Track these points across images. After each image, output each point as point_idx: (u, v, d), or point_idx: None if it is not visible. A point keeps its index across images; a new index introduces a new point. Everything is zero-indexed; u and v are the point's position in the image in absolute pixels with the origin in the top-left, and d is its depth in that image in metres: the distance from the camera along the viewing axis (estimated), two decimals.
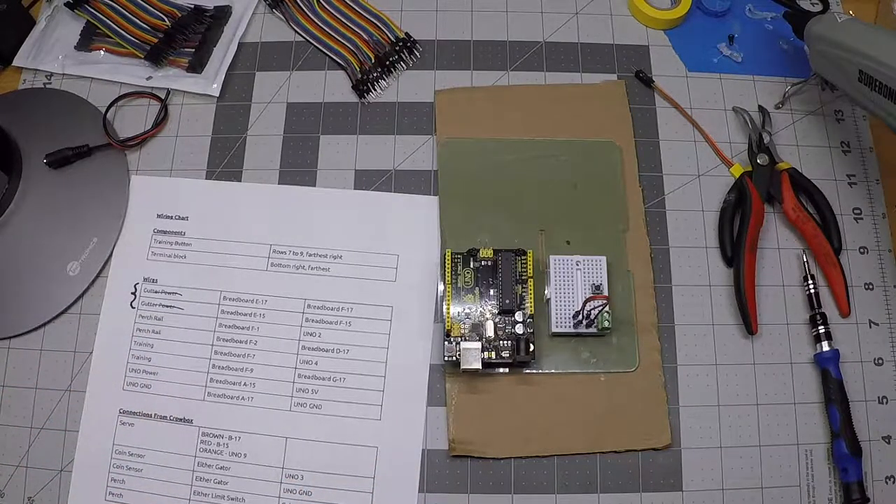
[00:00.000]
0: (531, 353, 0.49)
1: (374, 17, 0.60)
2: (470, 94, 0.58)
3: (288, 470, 0.49)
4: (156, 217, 0.55)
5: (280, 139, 0.57)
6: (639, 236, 0.53)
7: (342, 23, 0.60)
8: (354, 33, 0.59)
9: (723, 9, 0.61)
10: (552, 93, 0.58)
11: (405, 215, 0.55)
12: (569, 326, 0.50)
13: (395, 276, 0.53)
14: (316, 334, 0.52)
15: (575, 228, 0.53)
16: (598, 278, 0.50)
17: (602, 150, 0.56)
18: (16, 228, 0.54)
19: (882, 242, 0.54)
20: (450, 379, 0.50)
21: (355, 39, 0.59)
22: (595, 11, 0.61)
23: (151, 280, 0.53)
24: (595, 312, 0.49)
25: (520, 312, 0.49)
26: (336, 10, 0.60)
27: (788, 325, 0.52)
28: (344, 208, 0.55)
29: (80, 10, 0.60)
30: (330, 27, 0.60)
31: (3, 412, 0.51)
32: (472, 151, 0.56)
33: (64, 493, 0.49)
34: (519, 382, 0.50)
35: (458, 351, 0.48)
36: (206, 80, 0.58)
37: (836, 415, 0.49)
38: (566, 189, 0.54)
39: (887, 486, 0.49)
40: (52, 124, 0.57)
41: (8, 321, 0.53)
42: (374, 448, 0.49)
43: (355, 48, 0.59)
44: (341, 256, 0.54)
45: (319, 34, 0.60)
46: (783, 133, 0.57)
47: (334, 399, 0.50)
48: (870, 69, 0.47)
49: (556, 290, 0.50)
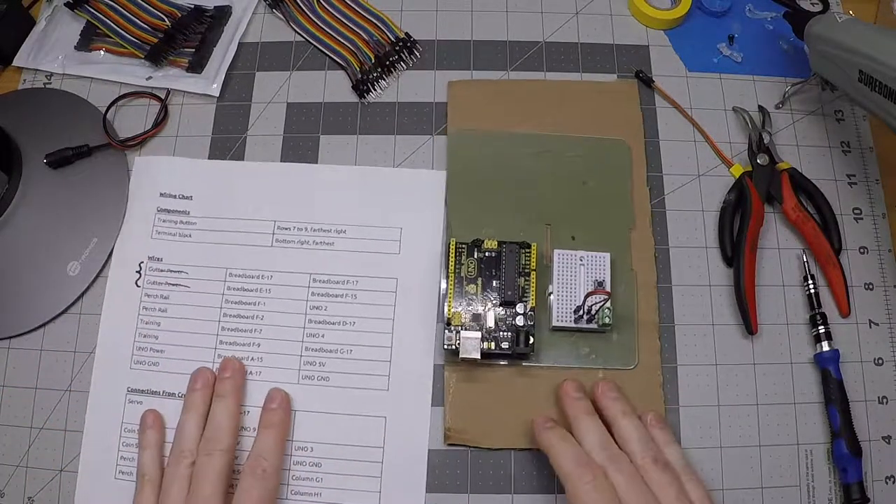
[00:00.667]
0: (530, 346, 0.49)
1: (374, 17, 0.60)
2: (483, 87, 0.58)
3: (298, 442, 0.49)
4: (159, 196, 0.55)
5: (280, 139, 0.57)
6: (644, 236, 0.54)
7: (342, 23, 0.60)
8: (354, 33, 0.59)
9: (723, 9, 0.61)
10: (565, 89, 0.58)
11: (408, 189, 0.55)
12: (570, 321, 0.50)
13: (399, 248, 0.53)
14: (322, 308, 0.52)
15: (581, 225, 0.53)
16: (601, 275, 0.51)
17: (613, 148, 0.56)
18: (16, 228, 0.54)
19: (882, 242, 0.54)
20: (448, 368, 0.50)
21: (355, 39, 0.59)
22: (595, 11, 0.61)
23: (156, 259, 0.53)
24: (596, 307, 0.49)
25: (521, 304, 0.49)
26: (336, 10, 0.60)
27: (788, 325, 0.52)
28: (347, 183, 0.55)
29: (80, 10, 0.60)
30: (330, 27, 0.60)
31: (3, 412, 0.51)
32: (483, 143, 0.56)
33: (64, 493, 0.49)
34: (517, 374, 0.50)
35: (457, 340, 0.48)
36: (206, 80, 0.58)
37: (836, 415, 0.49)
38: (575, 185, 0.54)
39: (887, 486, 0.49)
40: (52, 124, 0.57)
41: (8, 321, 0.53)
42: (382, 418, 0.50)
43: (355, 48, 0.59)
44: (345, 231, 0.54)
45: (319, 34, 0.60)
46: (783, 133, 0.57)
47: (342, 371, 0.51)
48: (870, 69, 0.47)
49: (559, 284, 0.50)
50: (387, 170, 0.56)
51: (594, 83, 0.58)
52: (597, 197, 0.54)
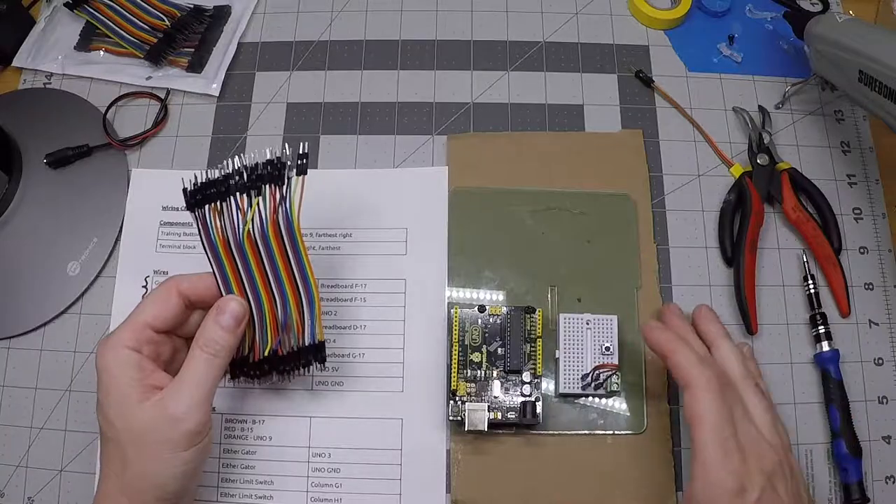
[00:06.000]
0: (537, 416, 0.48)
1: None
2: (483, 141, 0.56)
3: (315, 449, 0.49)
4: (161, 210, 0.55)
5: (280, 139, 0.57)
6: (651, 294, 0.52)
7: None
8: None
9: (723, 9, 0.61)
10: (567, 141, 0.56)
11: (412, 188, 0.55)
12: (577, 388, 0.49)
13: (406, 249, 0.53)
14: (332, 313, 0.52)
15: (587, 285, 0.52)
16: (608, 338, 0.49)
17: (616, 203, 0.54)
18: (16, 228, 0.54)
19: (882, 242, 0.54)
20: (454, 439, 0.49)
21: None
22: (595, 11, 0.61)
23: (162, 272, 0.53)
24: (604, 376, 0.48)
25: (527, 373, 0.48)
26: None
27: (788, 325, 0.52)
28: (349, 186, 0.55)
29: (79, 11, 0.60)
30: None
31: (3, 412, 0.51)
32: (484, 201, 0.54)
33: (64, 493, 0.49)
34: (524, 444, 0.49)
35: (463, 411, 0.48)
36: (206, 80, 0.58)
37: (836, 415, 0.49)
38: (580, 244, 0.53)
39: (887, 486, 0.49)
40: (52, 124, 0.57)
41: (8, 321, 0.53)
42: (398, 420, 0.49)
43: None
44: (351, 234, 0.54)
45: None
46: (783, 133, 0.57)
47: (355, 375, 0.51)
48: (870, 69, 0.47)
49: (566, 349, 0.49)
50: (388, 171, 0.56)
51: (598, 134, 0.57)
52: (602, 256, 0.53)
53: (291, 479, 0.49)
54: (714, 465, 0.40)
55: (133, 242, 0.54)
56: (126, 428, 0.40)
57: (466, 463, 0.49)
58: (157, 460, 0.40)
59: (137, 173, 0.56)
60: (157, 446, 0.40)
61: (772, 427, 0.43)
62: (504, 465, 0.49)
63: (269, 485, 0.49)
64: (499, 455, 0.49)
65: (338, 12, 0.62)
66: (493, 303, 0.51)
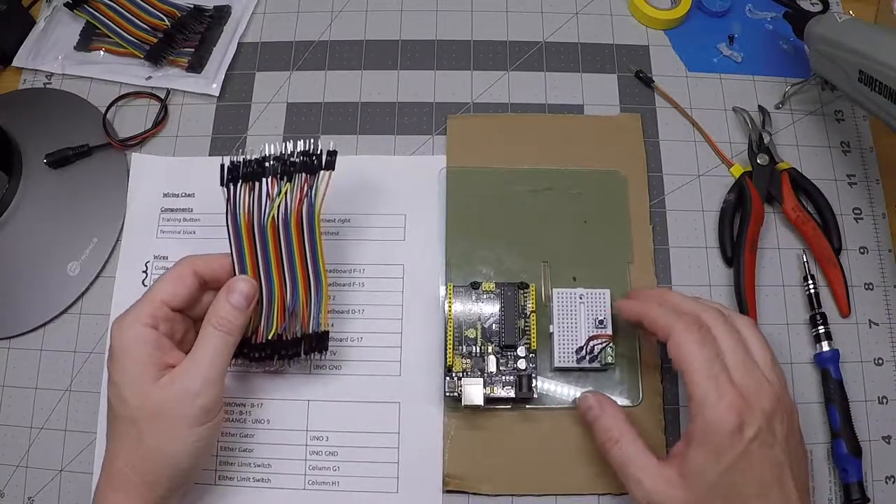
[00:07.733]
0: (533, 390, 0.48)
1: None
2: (482, 122, 0.57)
3: (312, 432, 0.49)
4: (162, 196, 0.55)
5: (280, 139, 0.57)
6: (645, 272, 0.52)
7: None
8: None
9: (723, 9, 0.61)
10: (567, 123, 0.57)
11: (410, 175, 0.55)
12: (572, 361, 0.49)
13: (404, 235, 0.54)
14: (331, 297, 0.52)
15: (580, 261, 0.52)
16: (601, 312, 0.49)
17: (607, 179, 0.55)
18: (16, 228, 0.54)
19: (882, 242, 0.54)
20: (448, 414, 0.49)
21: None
22: (595, 11, 0.61)
23: (162, 257, 0.54)
24: (599, 348, 0.49)
25: (522, 347, 0.49)
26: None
27: (788, 325, 0.52)
28: (348, 173, 0.54)
29: (79, 11, 0.60)
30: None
31: (3, 412, 0.51)
32: (481, 180, 0.55)
33: (64, 493, 0.49)
34: (520, 419, 0.49)
35: (459, 387, 0.48)
36: (206, 80, 0.58)
37: (836, 415, 0.49)
38: (575, 223, 0.54)
39: (887, 486, 0.49)
40: (52, 124, 0.57)
41: (8, 321, 0.53)
42: (396, 403, 0.50)
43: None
44: (349, 220, 0.54)
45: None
46: (783, 133, 0.57)
47: (353, 359, 0.51)
48: (870, 69, 0.47)
49: (560, 324, 0.49)
50: (388, 157, 0.56)
51: (597, 117, 0.57)
52: (595, 232, 0.53)
53: (289, 462, 0.49)
54: (710, 403, 0.39)
55: (134, 229, 0.54)
56: (141, 405, 0.41)
57: (459, 438, 0.49)
58: (173, 436, 0.41)
59: (138, 158, 0.56)
60: (174, 422, 0.41)
61: (771, 365, 0.42)
62: (498, 440, 0.49)
63: (267, 468, 0.49)
64: (493, 430, 0.49)
65: (338, 12, 0.62)
66: (487, 277, 0.52)
